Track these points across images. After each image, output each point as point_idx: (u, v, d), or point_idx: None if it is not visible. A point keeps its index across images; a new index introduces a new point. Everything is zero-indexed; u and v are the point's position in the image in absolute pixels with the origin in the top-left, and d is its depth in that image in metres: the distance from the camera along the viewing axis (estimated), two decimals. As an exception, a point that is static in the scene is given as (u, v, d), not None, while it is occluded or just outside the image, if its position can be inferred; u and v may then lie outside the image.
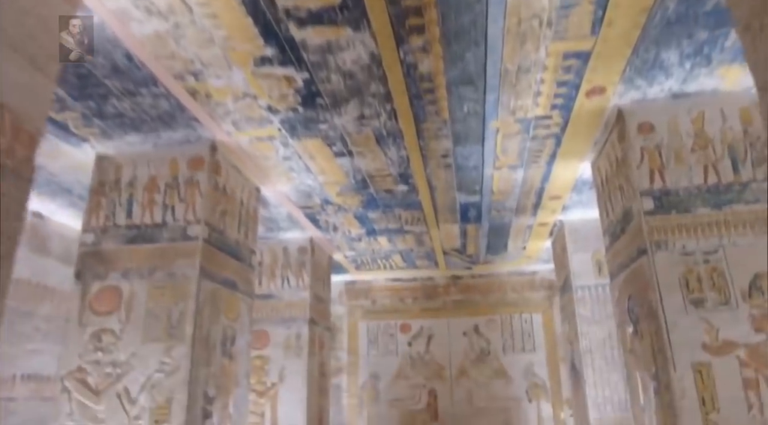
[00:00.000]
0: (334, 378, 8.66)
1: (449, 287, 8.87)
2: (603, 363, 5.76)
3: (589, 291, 6.02)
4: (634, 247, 3.72)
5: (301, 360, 6.22)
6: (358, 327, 8.89)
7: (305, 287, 6.49)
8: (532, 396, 8.23)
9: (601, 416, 5.60)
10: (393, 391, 8.51)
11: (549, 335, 8.46)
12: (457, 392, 8.39)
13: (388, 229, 6.45)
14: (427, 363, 8.56)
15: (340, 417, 8.48)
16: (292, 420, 6.01)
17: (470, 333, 8.62)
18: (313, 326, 6.49)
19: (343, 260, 7.84)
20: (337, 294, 9.03)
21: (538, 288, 8.69)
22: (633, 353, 3.89)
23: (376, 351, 8.74)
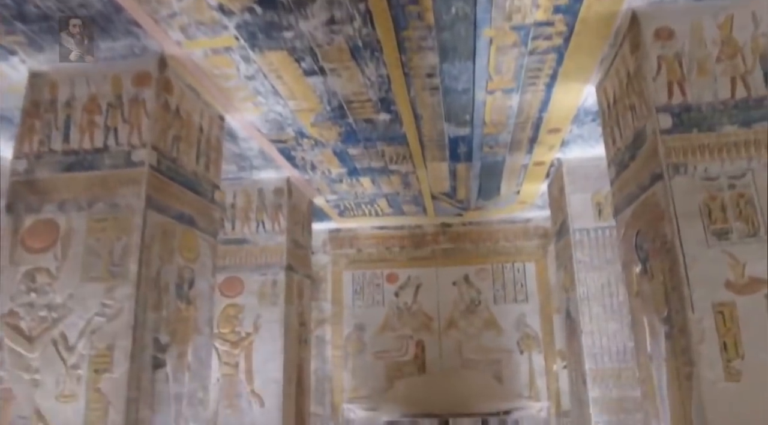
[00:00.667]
0: (318, 329, 8.29)
1: (438, 235, 8.42)
2: (601, 311, 5.35)
3: (587, 235, 5.56)
4: (647, 173, 3.23)
5: (277, 309, 5.78)
6: (342, 277, 8.47)
7: (281, 232, 6.00)
8: (523, 347, 7.90)
9: (597, 366, 5.23)
10: (379, 343, 8.15)
11: (542, 285, 8.07)
12: (446, 343, 8.04)
13: (371, 168, 5.93)
14: (415, 313, 8.18)
15: (324, 369, 8.14)
16: (268, 371, 5.61)
17: (460, 283, 8.22)
18: (291, 273, 6.03)
19: (324, 205, 7.34)
20: (321, 243, 8.59)
21: (532, 236, 8.26)
22: (640, 295, 3.44)
23: (362, 302, 8.35)
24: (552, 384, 7.72)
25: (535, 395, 7.74)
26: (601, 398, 5.15)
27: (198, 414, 3.83)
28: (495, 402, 7.87)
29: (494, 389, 7.83)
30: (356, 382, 8.07)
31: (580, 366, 5.46)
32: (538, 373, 7.79)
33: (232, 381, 5.65)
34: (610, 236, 5.52)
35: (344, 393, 8.05)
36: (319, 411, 7.99)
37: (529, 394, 7.76)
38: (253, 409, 5.57)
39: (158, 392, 3.38)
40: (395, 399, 7.98)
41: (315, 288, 8.41)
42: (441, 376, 7.93)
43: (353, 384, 8.07)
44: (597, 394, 5.16)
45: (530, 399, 7.76)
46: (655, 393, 3.29)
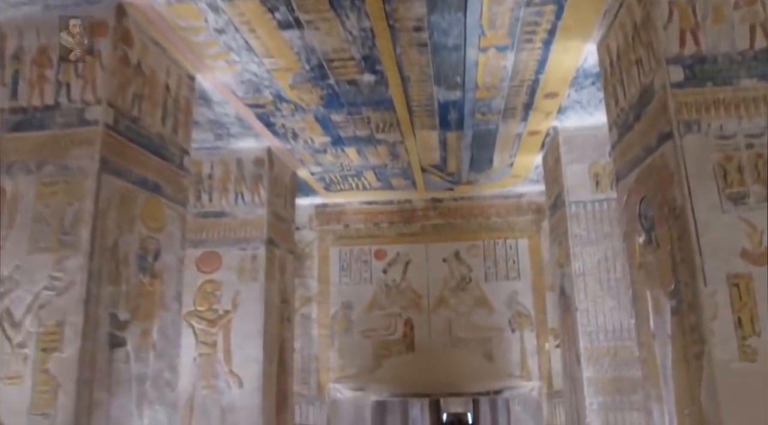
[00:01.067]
0: (304, 307, 8.01)
1: (428, 210, 8.12)
2: (597, 288, 5.09)
3: (584, 208, 5.28)
4: (654, 133, 2.93)
5: (257, 285, 5.49)
6: (329, 254, 8.17)
7: (262, 204, 5.68)
8: (515, 326, 7.66)
9: (592, 345, 4.98)
10: (366, 321, 7.89)
11: (535, 261, 7.81)
12: (436, 322, 7.79)
13: (357, 137, 5.60)
14: (404, 291, 7.91)
15: (310, 348, 7.89)
16: (248, 350, 5.34)
17: (450, 260, 7.95)
18: (272, 247, 5.72)
19: (309, 178, 7.01)
20: (307, 219, 8.28)
21: (525, 212, 7.97)
22: (644, 268, 3.17)
23: (349, 279, 8.07)
24: (544, 363, 7.51)
25: (526, 374, 7.53)
26: (595, 378, 4.92)
27: (164, 396, 3.55)
28: (485, 381, 7.66)
29: (485, 368, 7.61)
30: (343, 361, 7.82)
31: (574, 345, 5.22)
32: (530, 352, 7.57)
33: (209, 361, 5.37)
34: (608, 209, 5.25)
35: (330, 373, 7.81)
36: (304, 391, 7.75)
37: (521, 374, 7.54)
38: (231, 390, 5.30)
39: (117, 373, 3.09)
40: (383, 378, 7.75)
41: (300, 265, 8.12)
42: (430, 355, 7.69)
43: (340, 364, 7.82)
44: (591, 374, 4.92)
45: (521, 378, 7.55)
46: (657, 374, 3.03)
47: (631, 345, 4.93)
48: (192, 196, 5.73)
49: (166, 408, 3.55)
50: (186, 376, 5.35)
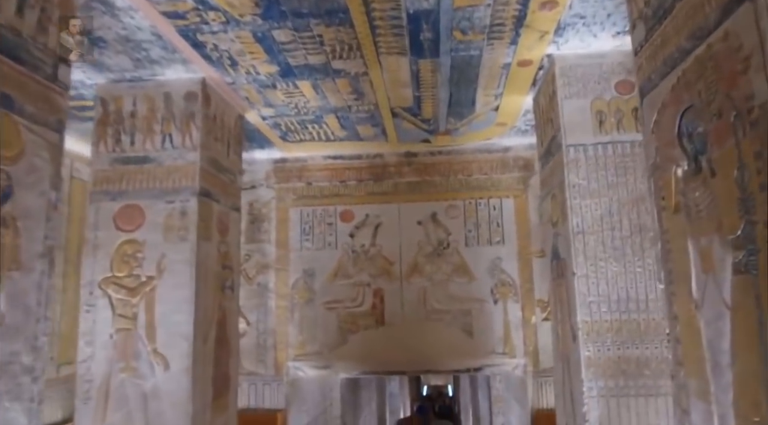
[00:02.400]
0: (260, 276, 7.07)
1: (402, 166, 7.15)
2: (599, 249, 4.19)
3: (584, 152, 4.35)
4: (713, 8, 1.97)
5: (187, 246, 4.51)
6: (289, 215, 7.20)
7: (194, 147, 4.66)
8: (498, 296, 6.78)
9: (592, 318, 4.10)
10: (331, 291, 6.96)
11: (521, 224, 6.91)
12: (409, 292, 6.88)
13: (310, 66, 4.58)
14: (373, 257, 6.98)
15: (266, 322, 6.96)
16: (175, 324, 4.38)
17: (426, 222, 7.01)
18: (208, 201, 4.73)
19: (261, 124, 5.99)
20: (264, 176, 7.28)
21: (511, 168, 7.04)
22: (685, 210, 2.23)
23: (311, 244, 7.11)
24: (530, 338, 6.66)
25: (510, 351, 6.68)
26: (595, 358, 4.04)
27: (21, 388, 2.58)
28: (464, 358, 6.81)
29: (463, 344, 6.75)
30: (304, 337, 6.91)
31: (569, 318, 4.34)
32: (514, 326, 6.71)
33: (128, 338, 4.41)
34: (613, 155, 4.33)
35: (290, 350, 6.90)
36: (260, 370, 6.85)
37: (504, 350, 6.70)
38: (155, 373, 4.35)
39: None
40: (349, 355, 6.87)
41: (256, 229, 7.15)
42: (402, 329, 6.80)
43: (300, 339, 6.91)
44: (591, 353, 4.05)
45: (504, 355, 6.71)
46: (702, 361, 2.12)
47: (640, 318, 4.06)
48: (110, 138, 4.73)
49: (23, 404, 2.58)
50: (101, 357, 4.40)
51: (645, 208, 4.21)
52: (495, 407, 9.18)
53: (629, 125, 4.36)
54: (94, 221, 4.59)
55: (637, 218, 4.21)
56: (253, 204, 7.22)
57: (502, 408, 9.05)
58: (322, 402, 8.65)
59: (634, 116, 4.36)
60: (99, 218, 4.60)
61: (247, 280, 7.03)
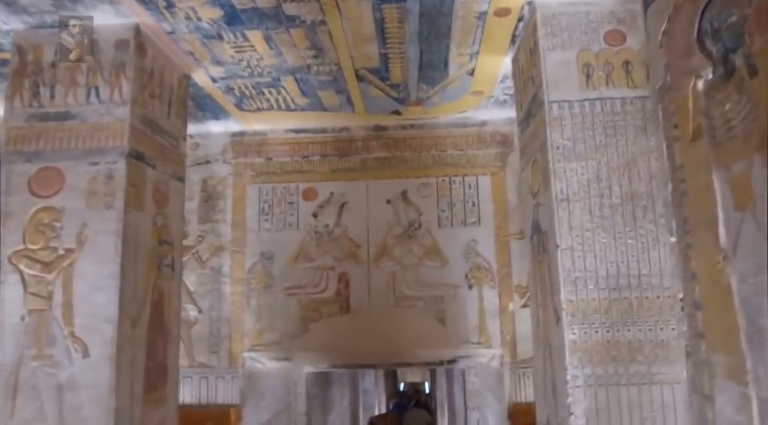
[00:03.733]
0: (214, 258, 6.45)
1: (370, 141, 6.58)
2: (586, 218, 3.67)
3: (569, 109, 3.83)
4: None
5: (113, 215, 3.89)
6: (246, 193, 6.58)
7: (123, 102, 4.04)
8: (473, 281, 6.25)
9: (578, 297, 3.58)
10: (292, 276, 6.37)
11: (499, 204, 6.38)
12: (377, 277, 6.32)
13: (259, 11, 4.00)
14: (338, 239, 6.40)
15: (220, 309, 6.34)
16: (97, 305, 3.77)
17: (396, 201, 6.45)
18: (140, 165, 4.12)
19: (212, 88, 5.39)
20: (220, 150, 6.66)
21: (488, 144, 6.51)
22: (709, 133, 1.70)
23: (271, 224, 6.51)
24: (507, 326, 6.15)
25: (485, 340, 6.16)
26: (581, 342, 3.53)
27: None
28: (436, 349, 6.28)
29: (436, 333, 6.21)
30: (261, 325, 6.31)
31: (551, 298, 3.82)
32: (491, 314, 6.19)
33: (42, 320, 3.79)
34: (602, 112, 3.82)
35: (246, 340, 6.30)
36: (213, 361, 6.24)
37: (479, 339, 6.17)
38: (73, 361, 3.74)
39: None
40: (312, 345, 6.29)
41: (211, 207, 6.54)
42: (369, 317, 6.24)
43: (257, 328, 6.31)
44: (576, 336, 3.53)
45: (480, 345, 6.18)
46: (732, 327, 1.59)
47: (632, 296, 3.55)
48: (27, 92, 4.11)
49: None
50: (9, 342, 3.78)
51: (637, 172, 3.72)
52: (470, 402, 8.66)
53: (619, 80, 3.86)
54: (6, 186, 3.95)
55: (628, 183, 3.71)
56: (207, 181, 6.60)
57: (477, 403, 8.53)
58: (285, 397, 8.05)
59: (625, 70, 3.87)
60: (11, 182, 3.96)
61: (199, 263, 6.41)
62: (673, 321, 3.49)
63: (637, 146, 3.75)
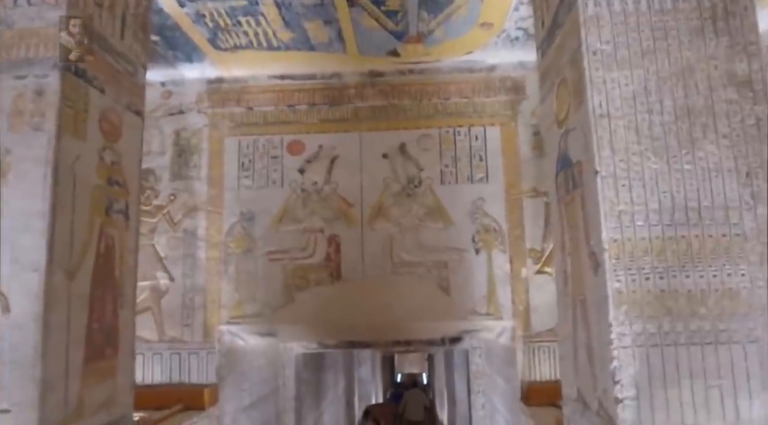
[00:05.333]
0: (187, 220, 5.70)
1: (364, 88, 5.83)
2: (632, 140, 2.92)
3: (609, 7, 3.07)
4: None
5: (42, 138, 3.13)
6: (224, 146, 5.83)
7: (58, 4, 3.28)
8: (480, 245, 5.52)
9: (623, 236, 2.83)
10: (275, 239, 5.64)
11: (509, 158, 5.65)
12: (372, 240, 5.59)
13: None
14: (328, 198, 5.67)
15: (194, 277, 5.60)
16: (21, 249, 3.02)
17: (393, 156, 5.72)
18: (80, 82, 3.35)
19: (180, 15, 4.63)
20: (196, 99, 5.91)
21: (497, 91, 5.76)
22: None
23: (251, 181, 5.76)
24: (519, 295, 5.42)
25: (495, 311, 5.43)
26: (629, 292, 2.78)
27: None
28: (438, 321, 5.56)
29: (438, 304, 5.48)
30: (241, 295, 5.58)
31: (586, 245, 3.08)
32: (501, 281, 5.46)
33: (-46, 269, 3.03)
34: (649, 11, 3.07)
35: (223, 311, 5.56)
36: (185, 336, 5.50)
37: (487, 310, 5.45)
38: (-10, 319, 2.98)
39: None
40: (297, 318, 5.56)
41: (183, 163, 5.78)
42: (363, 286, 5.52)
43: (236, 299, 5.57)
44: (622, 285, 2.79)
45: (488, 316, 5.46)
46: None
47: (691, 234, 2.82)
48: (-59, -6, 3.31)
49: None
50: None
51: (694, 83, 2.97)
52: (474, 385, 7.97)
53: (671, -29, 3.09)
54: None
55: (683, 97, 2.96)
56: (180, 133, 5.84)
57: (482, 386, 7.84)
58: (272, 380, 7.35)
59: (677, -40, 3.10)
60: None
61: (170, 225, 5.67)
62: (743, 265, 2.76)
63: (693, 51, 3.00)
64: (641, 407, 2.68)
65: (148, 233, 5.65)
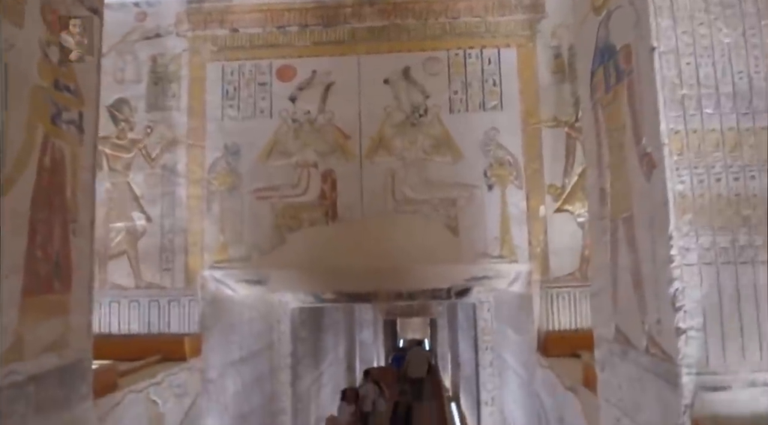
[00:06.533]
0: (166, 154, 5.11)
1: (362, 5, 5.16)
2: (699, 6, 2.29)
3: None
4: None
5: (-41, 16, 2.51)
6: (206, 73, 5.20)
7: None
8: (493, 180, 4.94)
9: (687, 126, 2.23)
10: (264, 175, 5.05)
11: (527, 83, 5.01)
12: (371, 175, 5.00)
13: None
14: (322, 129, 5.07)
15: (174, 217, 5.03)
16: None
17: (396, 81, 5.09)
18: (10, -47, 2.72)
19: None
20: (175, 20, 5.25)
21: (513, 9, 5.10)
22: None
23: (236, 112, 5.15)
24: (537, 236, 4.85)
25: (509, 253, 4.87)
26: (695, 195, 2.20)
27: None
28: (446, 265, 5.01)
29: (445, 246, 4.91)
30: (226, 237, 5.01)
31: (635, 143, 2.48)
32: (516, 220, 4.89)
33: None
34: None
35: (206, 255, 5.01)
36: (165, 282, 4.95)
37: (500, 252, 4.88)
38: None
39: None
40: (289, 262, 5.00)
41: (161, 92, 5.16)
42: (362, 227, 4.95)
43: (221, 241, 5.01)
44: (686, 186, 2.20)
45: (501, 259, 4.89)
46: None
47: (774, 123, 2.21)
48: None
49: None
50: None
51: (778, -68, 2.33)
52: (482, 342, 7.49)
53: None
54: None
55: (763, -50, 2.33)
56: (157, 59, 5.20)
57: (491, 342, 7.36)
58: (266, 335, 6.87)
59: None
60: None
61: (147, 161, 5.07)
62: (839, 163, 2.16)
63: None
64: (709, 339, 2.12)
65: (123, 170, 5.08)
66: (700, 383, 2.09)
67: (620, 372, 2.71)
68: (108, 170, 5.05)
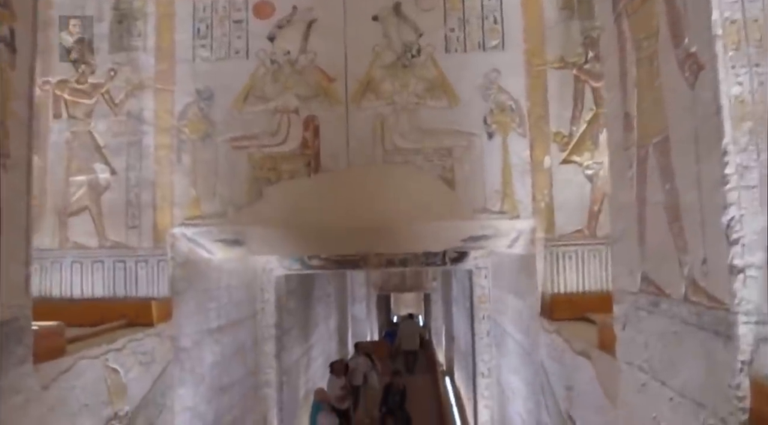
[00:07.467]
0: (131, 100, 4.60)
1: (349, -67, 4.63)
2: None
3: None
4: None
5: None
6: (174, 9, 4.67)
7: None
8: (494, 127, 4.47)
9: (745, 15, 1.75)
10: (239, 122, 4.57)
11: (531, 19, 4.50)
12: (358, 122, 4.53)
13: None
14: (304, 71, 4.57)
15: (140, 169, 4.53)
16: None
17: (386, 17, 4.58)
18: None
19: None
20: (139, -48, 4.68)
21: (517, -63, 4.57)
22: None
23: (209, 52, 4.64)
24: (541, 189, 4.39)
25: (510, 208, 4.42)
26: (754, 102, 1.73)
27: None
28: (441, 222, 4.55)
29: (441, 200, 4.47)
30: (198, 191, 4.55)
31: (680, 41, 2.01)
32: (519, 171, 4.43)
33: None
34: None
35: (176, 210, 4.54)
36: (131, 240, 4.48)
37: (501, 207, 4.44)
38: None
39: None
40: (267, 218, 4.55)
41: (125, 30, 4.64)
42: (347, 179, 4.49)
43: (193, 195, 4.55)
44: (743, 89, 1.73)
45: (501, 215, 4.45)
46: None
47: None
48: None
49: None
50: None
51: None
52: (479, 310, 7.09)
53: None
54: None
55: None
56: (120, -5, 4.67)
57: (488, 310, 6.96)
58: (248, 305, 6.44)
59: None
60: None
61: (111, 107, 4.56)
62: None
63: None
64: (773, 280, 1.67)
65: (84, 118, 4.57)
66: (762, 334, 1.66)
67: (648, 327, 2.28)
68: (67, 118, 4.55)
